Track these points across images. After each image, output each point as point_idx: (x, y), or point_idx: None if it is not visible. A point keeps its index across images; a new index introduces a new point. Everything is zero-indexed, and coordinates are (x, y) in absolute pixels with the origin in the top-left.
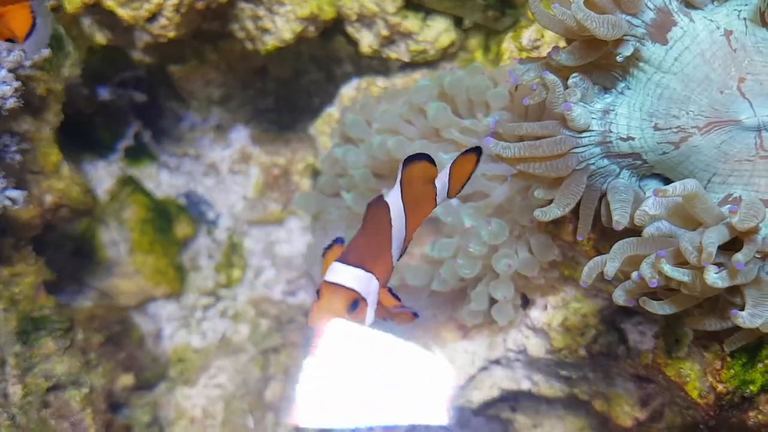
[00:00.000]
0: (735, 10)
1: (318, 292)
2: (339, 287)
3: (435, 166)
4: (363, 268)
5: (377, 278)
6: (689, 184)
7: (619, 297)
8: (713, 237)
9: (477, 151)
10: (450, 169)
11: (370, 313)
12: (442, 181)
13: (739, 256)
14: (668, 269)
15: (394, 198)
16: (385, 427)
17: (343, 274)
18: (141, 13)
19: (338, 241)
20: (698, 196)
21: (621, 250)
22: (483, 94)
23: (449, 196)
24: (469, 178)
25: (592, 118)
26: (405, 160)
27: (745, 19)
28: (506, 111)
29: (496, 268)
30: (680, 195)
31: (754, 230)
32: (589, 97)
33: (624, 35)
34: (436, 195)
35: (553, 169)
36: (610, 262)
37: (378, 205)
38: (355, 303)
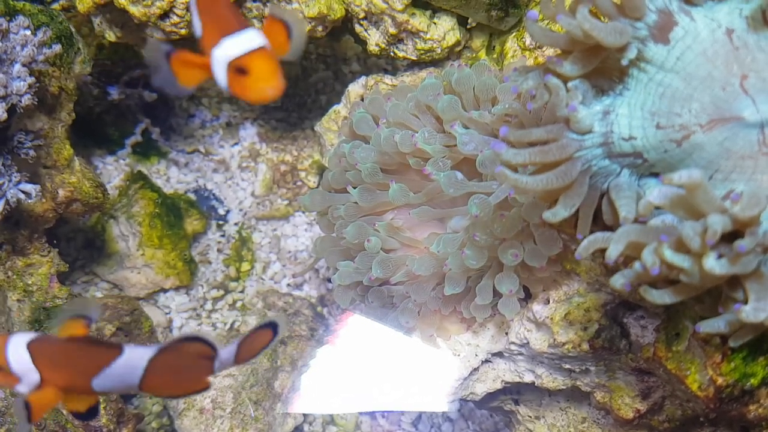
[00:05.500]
0: (736, 8)
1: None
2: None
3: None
4: (32, 359)
5: (42, 377)
6: (694, 173)
7: (617, 281)
8: (718, 219)
9: (273, 326)
10: (239, 345)
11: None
12: (228, 352)
13: (740, 241)
14: (669, 254)
15: (146, 354)
16: (388, 412)
17: (15, 348)
18: (152, 10)
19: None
20: (701, 185)
21: (625, 234)
22: (490, 91)
23: (235, 364)
24: (259, 353)
25: (595, 119)
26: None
27: (746, 17)
28: (515, 102)
29: (503, 258)
30: (685, 183)
31: (756, 221)
32: (588, 99)
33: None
34: (211, 367)
35: (558, 180)
36: (614, 245)
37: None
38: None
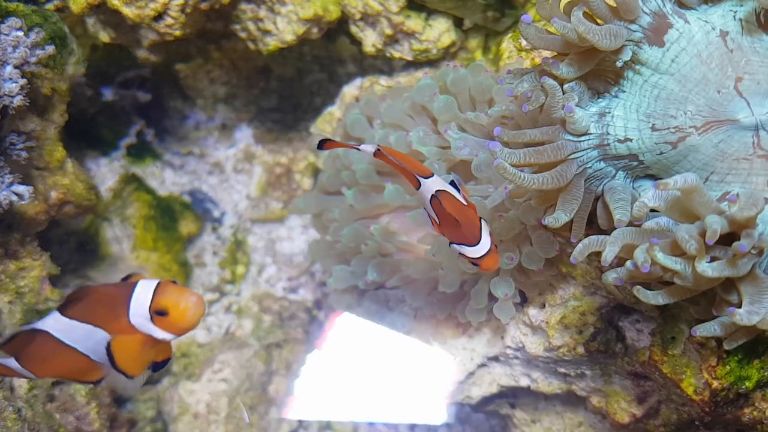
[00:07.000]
0: (730, 11)
1: None
2: None
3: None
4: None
5: None
6: (689, 177)
7: (609, 275)
8: (716, 219)
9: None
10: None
11: None
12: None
13: (738, 242)
14: (660, 257)
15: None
16: (386, 424)
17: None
18: (146, 11)
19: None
20: (697, 189)
21: (621, 236)
22: (486, 92)
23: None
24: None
25: (591, 121)
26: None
27: (740, 20)
28: (511, 103)
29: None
30: (680, 188)
31: (753, 223)
32: (584, 101)
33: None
34: None
35: (554, 180)
36: (610, 247)
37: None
38: None
